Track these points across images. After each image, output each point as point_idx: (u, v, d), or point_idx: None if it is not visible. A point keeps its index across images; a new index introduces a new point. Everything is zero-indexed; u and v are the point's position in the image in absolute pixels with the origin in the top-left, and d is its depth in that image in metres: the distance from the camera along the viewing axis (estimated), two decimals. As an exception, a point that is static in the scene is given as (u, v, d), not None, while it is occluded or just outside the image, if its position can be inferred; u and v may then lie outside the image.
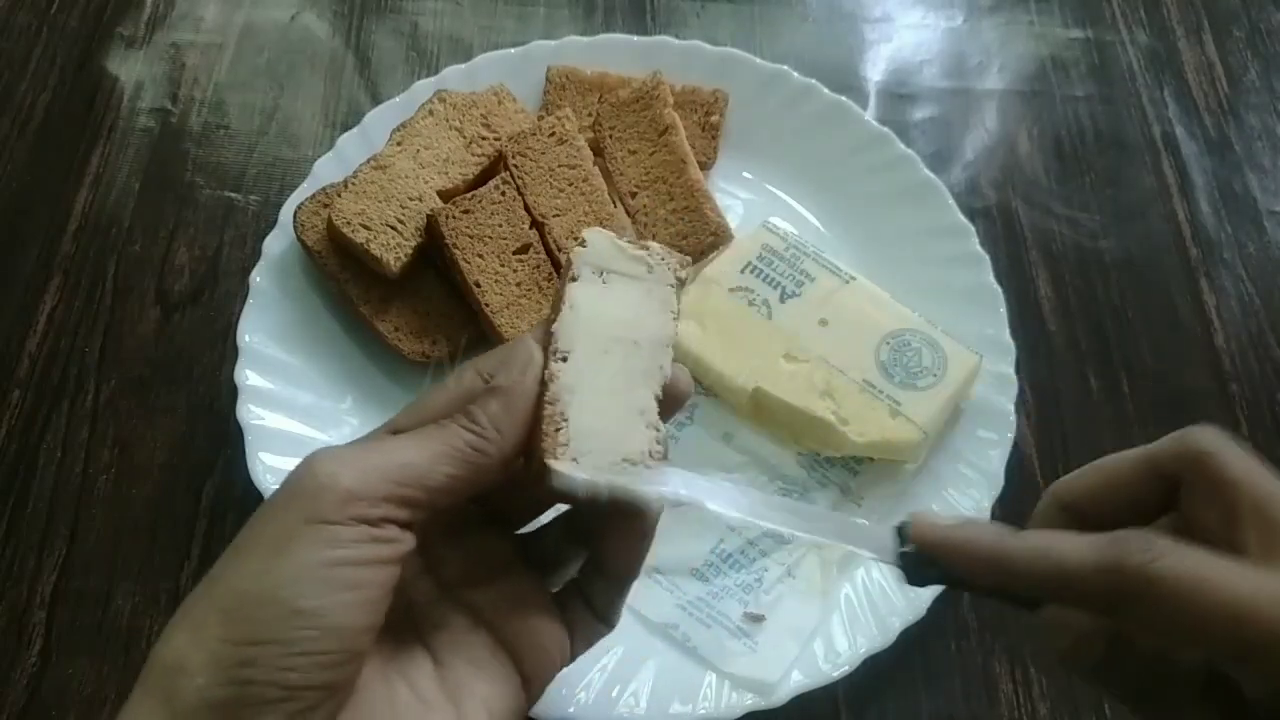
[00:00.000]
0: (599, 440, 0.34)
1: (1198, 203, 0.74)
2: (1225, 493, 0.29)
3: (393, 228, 0.61)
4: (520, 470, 0.36)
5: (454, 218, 0.61)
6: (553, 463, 0.33)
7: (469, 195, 0.62)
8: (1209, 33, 0.82)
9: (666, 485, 0.35)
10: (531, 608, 0.38)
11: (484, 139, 0.66)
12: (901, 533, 0.32)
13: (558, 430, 0.34)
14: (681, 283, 0.39)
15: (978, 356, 0.60)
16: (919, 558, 0.31)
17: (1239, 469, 0.30)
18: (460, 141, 0.65)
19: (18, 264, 0.67)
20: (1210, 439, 0.31)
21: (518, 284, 0.61)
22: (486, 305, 0.60)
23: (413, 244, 0.61)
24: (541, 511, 0.41)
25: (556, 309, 0.37)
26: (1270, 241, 0.72)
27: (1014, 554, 0.29)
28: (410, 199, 0.62)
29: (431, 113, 0.65)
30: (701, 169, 0.68)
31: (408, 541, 0.32)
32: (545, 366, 0.35)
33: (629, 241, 0.40)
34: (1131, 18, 0.83)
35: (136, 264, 0.67)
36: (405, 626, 0.36)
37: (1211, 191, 0.74)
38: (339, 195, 0.61)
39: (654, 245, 0.40)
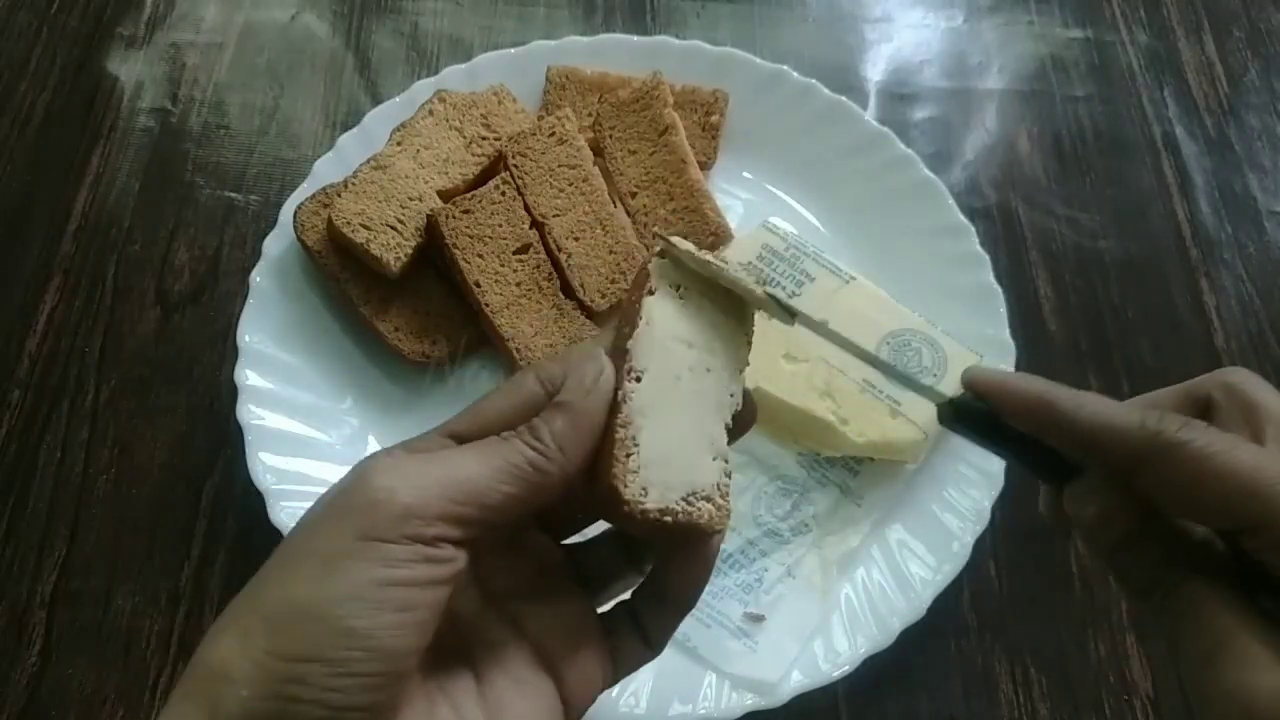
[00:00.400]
0: (669, 470, 0.33)
1: (1198, 203, 0.74)
2: (1253, 415, 0.32)
3: (393, 228, 0.61)
4: (581, 488, 0.34)
5: (454, 218, 0.61)
6: (622, 489, 0.32)
7: (469, 195, 0.62)
8: (1209, 33, 0.82)
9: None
10: (578, 628, 0.37)
11: (484, 139, 0.66)
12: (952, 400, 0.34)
13: (629, 456, 0.32)
14: (761, 305, 0.37)
15: (978, 356, 0.60)
16: (965, 400, 0.34)
17: (1266, 395, 0.33)
18: (460, 141, 0.65)
19: (18, 264, 0.67)
20: (1243, 373, 0.34)
21: (518, 284, 0.61)
22: (486, 305, 0.60)
23: (413, 244, 0.61)
24: (591, 523, 0.40)
25: (632, 323, 0.35)
26: (1270, 241, 0.72)
27: (1064, 399, 0.32)
28: (410, 199, 0.62)
29: (431, 113, 0.65)
30: (701, 169, 0.68)
31: (461, 561, 0.31)
32: (618, 385, 0.33)
33: (709, 254, 0.37)
34: (1131, 18, 0.83)
35: (136, 264, 0.67)
36: (449, 640, 0.35)
37: (1211, 191, 0.74)
38: (339, 195, 0.61)
39: (733, 261, 0.37)
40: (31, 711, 0.53)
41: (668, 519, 0.32)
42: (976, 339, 0.61)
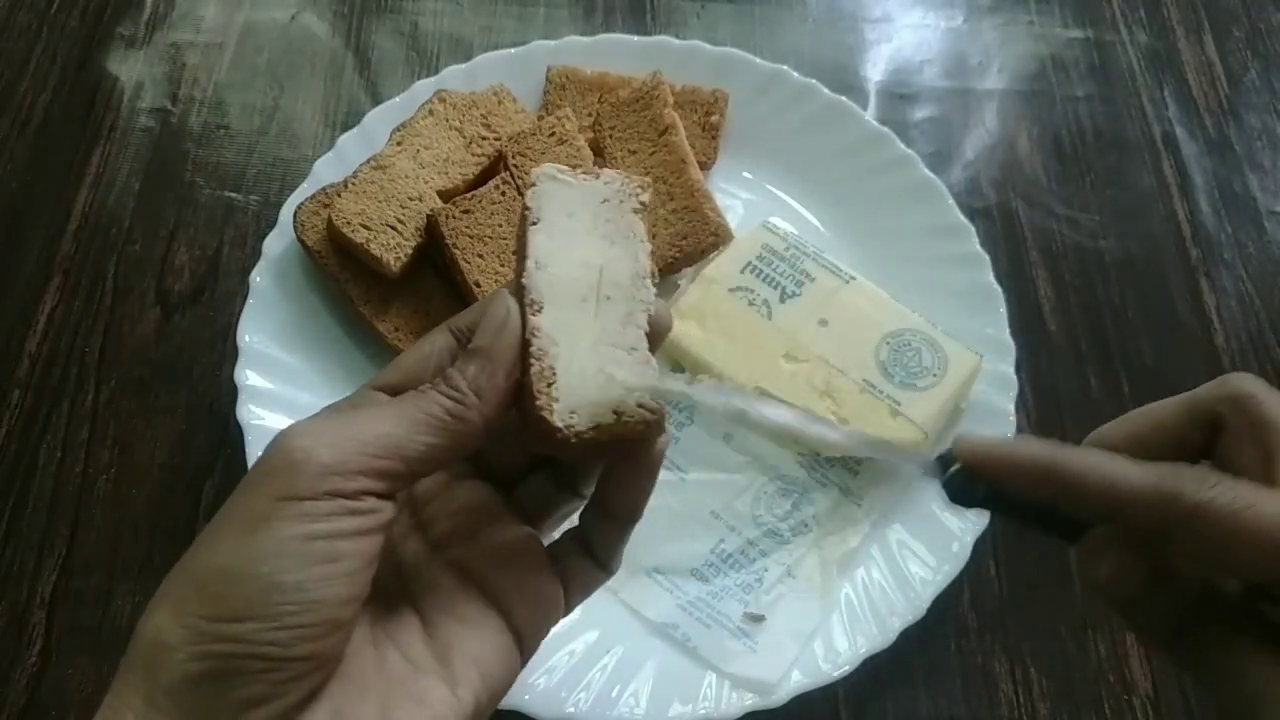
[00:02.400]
0: (592, 388, 0.33)
1: (1198, 203, 0.74)
2: (1265, 434, 0.30)
3: (393, 228, 0.61)
4: (518, 430, 0.35)
5: (454, 218, 0.61)
6: (550, 417, 0.32)
7: (469, 195, 0.62)
8: (1209, 33, 0.82)
9: (706, 395, 0.34)
10: (521, 560, 0.37)
11: (484, 139, 0.66)
12: (944, 459, 0.31)
13: (550, 385, 0.33)
14: (645, 206, 0.37)
15: (978, 356, 0.60)
16: (965, 475, 0.31)
17: (1277, 409, 0.30)
18: (460, 141, 0.65)
19: (18, 264, 0.67)
20: (1251, 383, 0.31)
21: (518, 284, 0.61)
22: (486, 305, 0.60)
23: (413, 244, 0.61)
24: (531, 463, 0.40)
25: (522, 258, 0.35)
26: (1270, 241, 0.72)
27: (1070, 466, 0.29)
28: (410, 199, 0.62)
29: (431, 113, 0.65)
30: (701, 169, 0.68)
31: (387, 511, 0.32)
32: (524, 320, 0.34)
33: (583, 172, 0.38)
34: (1131, 18, 0.83)
35: (136, 264, 0.67)
36: (394, 589, 0.36)
37: (1211, 191, 0.74)
38: (339, 195, 0.61)
39: (608, 172, 0.38)
40: (31, 711, 0.53)
41: (602, 436, 0.33)
42: (976, 339, 0.61)
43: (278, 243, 0.63)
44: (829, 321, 0.61)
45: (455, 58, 0.75)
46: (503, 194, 0.62)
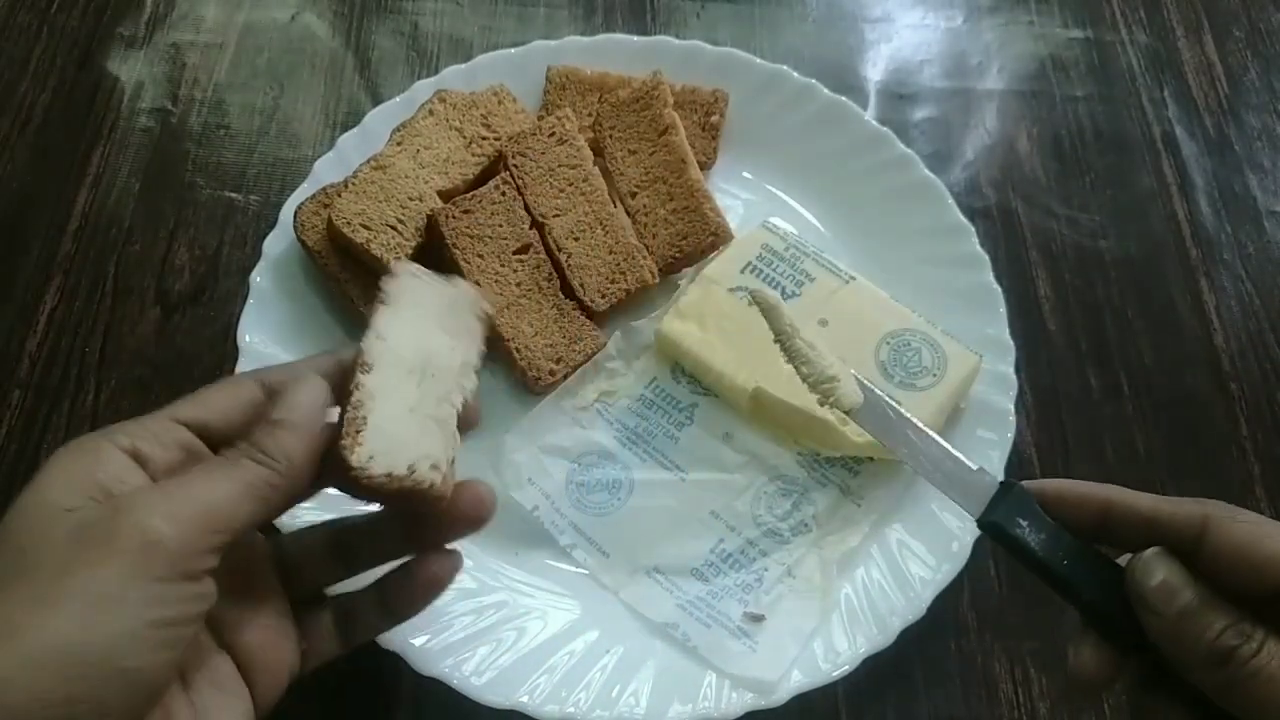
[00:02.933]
0: (394, 444, 0.37)
1: (1198, 203, 0.74)
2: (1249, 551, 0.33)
3: (393, 228, 0.61)
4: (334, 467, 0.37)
5: (454, 218, 0.61)
6: (350, 456, 0.36)
7: (469, 195, 0.62)
8: (1209, 33, 0.82)
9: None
10: (272, 637, 0.38)
11: (484, 139, 0.66)
12: (1003, 487, 0.37)
13: (358, 432, 0.37)
14: (488, 317, 0.44)
15: (978, 356, 0.60)
16: (1018, 504, 0.36)
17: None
18: (460, 141, 0.65)
19: (18, 264, 0.67)
20: (1225, 509, 0.35)
21: (518, 284, 0.61)
22: (486, 305, 0.60)
23: (413, 244, 0.61)
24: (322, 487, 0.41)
25: (366, 326, 0.40)
26: (1270, 241, 0.72)
27: (1123, 494, 0.36)
28: (410, 199, 0.62)
29: (432, 113, 0.65)
30: (701, 169, 0.68)
31: (213, 586, 0.33)
32: (352, 376, 0.38)
33: (439, 276, 0.44)
34: (1131, 18, 0.83)
35: (137, 264, 0.67)
36: None
37: (1211, 191, 0.74)
38: (339, 195, 0.61)
39: (461, 282, 0.44)
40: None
41: (393, 484, 0.36)
42: (976, 339, 0.61)
43: (278, 243, 0.63)
44: (829, 321, 0.61)
45: (455, 58, 0.75)
46: (503, 194, 0.62)
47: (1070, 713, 0.55)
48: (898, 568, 0.55)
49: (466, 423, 0.41)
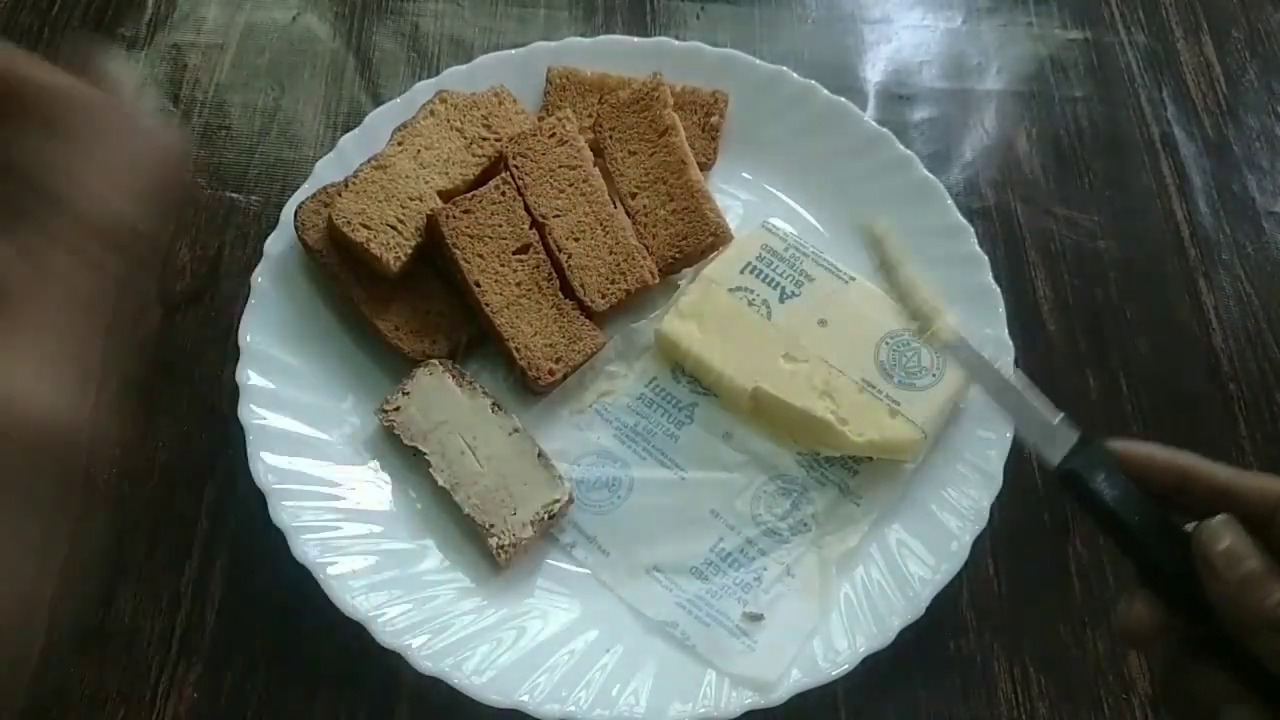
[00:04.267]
0: None
1: (1196, 203, 0.74)
2: None
3: (393, 227, 0.61)
4: None
5: (454, 218, 0.61)
6: None
7: (469, 195, 0.62)
8: (1208, 34, 0.82)
9: None
10: None
11: (484, 139, 0.66)
12: (1082, 442, 0.37)
13: None
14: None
15: (977, 356, 0.60)
16: (1097, 459, 0.37)
17: None
18: (461, 142, 0.65)
19: (19, 264, 0.67)
20: None
21: (517, 284, 0.61)
22: (486, 305, 0.60)
23: (413, 244, 0.61)
24: None
25: None
26: (1269, 242, 0.72)
27: (1203, 463, 0.36)
28: (410, 199, 0.62)
29: (433, 113, 0.65)
30: (701, 169, 0.68)
31: None
32: None
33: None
34: (1130, 19, 0.83)
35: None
36: None
37: (1210, 192, 0.75)
38: (339, 195, 0.61)
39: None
40: (32, 711, 0.53)
41: None
42: (976, 339, 0.61)
43: (279, 243, 0.63)
44: (828, 321, 0.61)
45: (456, 59, 0.75)
46: (503, 194, 0.62)
47: (1069, 713, 0.55)
48: (897, 567, 0.55)
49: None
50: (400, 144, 0.64)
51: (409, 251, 0.61)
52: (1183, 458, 0.37)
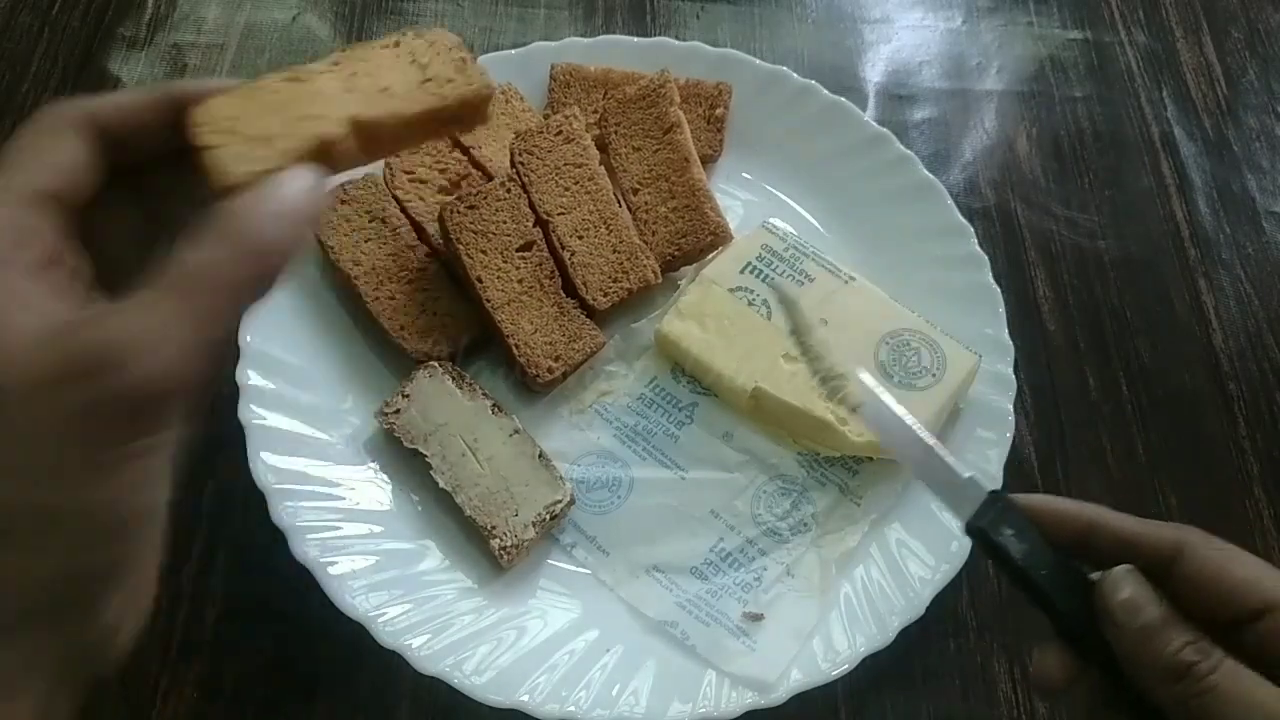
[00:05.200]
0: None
1: (1196, 203, 0.74)
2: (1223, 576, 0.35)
3: (260, 141, 0.40)
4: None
5: (458, 213, 0.61)
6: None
7: (474, 191, 0.62)
8: (1207, 34, 0.82)
9: None
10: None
11: (450, 81, 0.46)
12: (991, 497, 0.37)
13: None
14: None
15: (977, 356, 0.60)
16: (1002, 514, 0.37)
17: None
18: (416, 77, 0.47)
19: (19, 264, 0.67)
20: (1198, 535, 0.36)
21: (519, 281, 0.61)
22: (488, 301, 0.60)
23: (274, 164, 0.39)
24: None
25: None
26: (1269, 242, 0.72)
27: (1108, 515, 0.37)
28: (305, 118, 0.42)
29: (398, 44, 0.48)
30: (708, 161, 0.68)
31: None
32: None
33: None
34: (1130, 19, 0.83)
35: (138, 264, 0.67)
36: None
37: (1210, 192, 0.75)
38: (220, 98, 0.41)
39: None
40: (33, 710, 0.53)
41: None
42: (975, 339, 0.61)
43: (279, 243, 0.63)
44: (828, 321, 0.61)
45: (456, 59, 0.75)
46: (508, 190, 0.62)
47: (1069, 712, 0.55)
48: (897, 567, 0.55)
49: None
50: (336, 63, 0.44)
51: (265, 171, 0.39)
52: (1088, 511, 0.37)
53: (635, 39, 0.74)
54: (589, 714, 0.50)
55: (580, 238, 0.63)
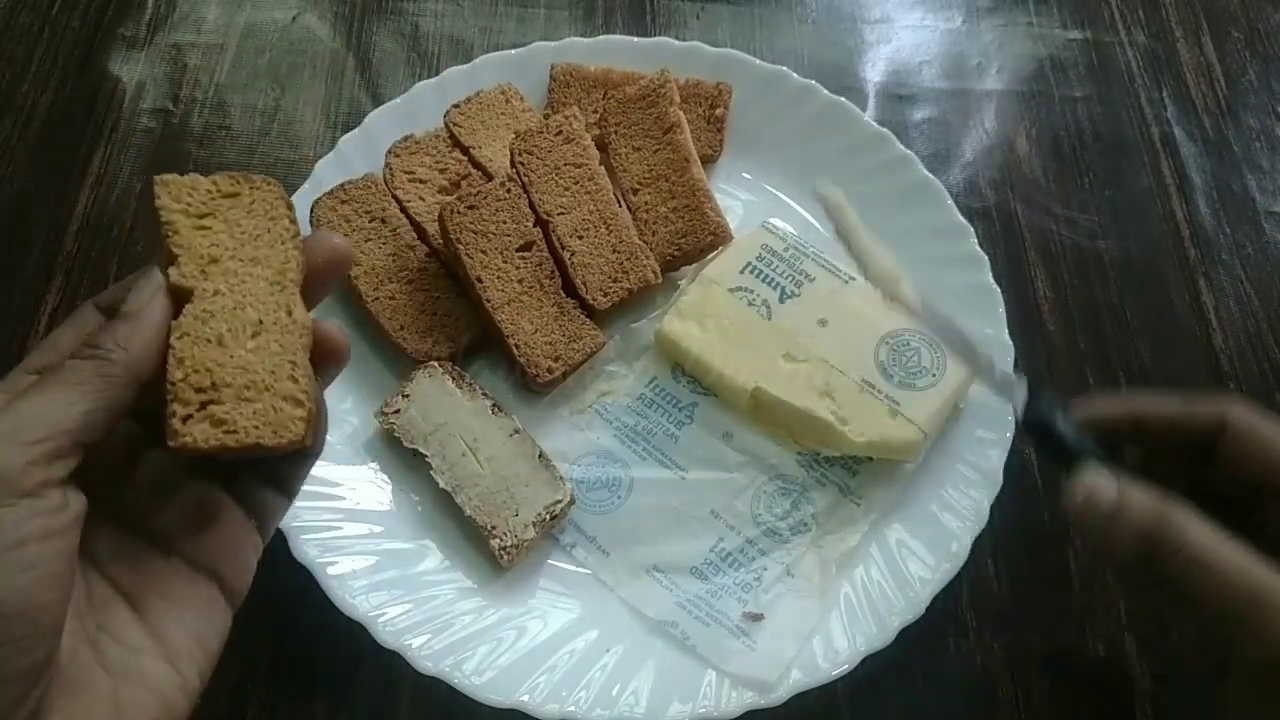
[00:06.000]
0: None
1: (1196, 203, 0.74)
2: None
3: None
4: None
5: (458, 213, 0.61)
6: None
7: (474, 191, 0.62)
8: (1207, 34, 0.82)
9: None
10: (216, 519, 0.37)
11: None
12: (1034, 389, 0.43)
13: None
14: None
15: (977, 356, 0.60)
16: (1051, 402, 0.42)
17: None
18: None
19: (19, 264, 0.67)
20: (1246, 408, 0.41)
21: (519, 281, 0.61)
22: (487, 301, 0.60)
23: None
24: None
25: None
26: (1269, 242, 0.72)
27: (1145, 404, 0.42)
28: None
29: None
30: (708, 161, 0.68)
31: (76, 505, 0.31)
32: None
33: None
34: (1130, 19, 0.83)
35: (138, 264, 0.67)
36: (98, 581, 0.35)
37: (1210, 192, 0.75)
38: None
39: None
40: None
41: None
42: (975, 339, 0.61)
43: (279, 243, 0.63)
44: (828, 321, 0.61)
45: (456, 59, 0.75)
46: (508, 190, 0.62)
47: (1070, 712, 0.55)
48: (897, 567, 0.55)
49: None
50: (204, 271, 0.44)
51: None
52: (1132, 402, 0.42)
53: (635, 39, 0.74)
54: (589, 714, 0.50)
55: (580, 238, 0.63)
